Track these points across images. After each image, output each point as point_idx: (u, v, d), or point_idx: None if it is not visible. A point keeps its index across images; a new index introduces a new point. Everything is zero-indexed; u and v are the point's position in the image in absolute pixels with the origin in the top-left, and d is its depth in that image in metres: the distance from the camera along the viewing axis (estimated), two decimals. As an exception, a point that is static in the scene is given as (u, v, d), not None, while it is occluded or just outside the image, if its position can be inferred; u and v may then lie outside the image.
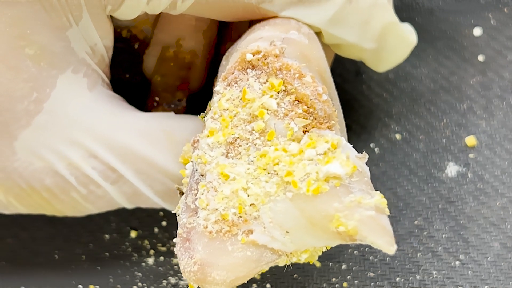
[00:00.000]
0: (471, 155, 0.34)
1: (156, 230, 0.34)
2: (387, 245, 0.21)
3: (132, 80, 0.33)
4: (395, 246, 0.21)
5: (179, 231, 0.23)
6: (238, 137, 0.23)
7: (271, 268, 0.33)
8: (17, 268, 0.34)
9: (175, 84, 0.32)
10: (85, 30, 0.26)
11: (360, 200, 0.21)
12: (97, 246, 0.34)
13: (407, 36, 0.30)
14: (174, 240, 0.24)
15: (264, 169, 0.22)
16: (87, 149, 0.26)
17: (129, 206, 0.28)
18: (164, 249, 0.34)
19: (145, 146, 0.26)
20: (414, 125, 0.35)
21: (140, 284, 0.33)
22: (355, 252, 0.33)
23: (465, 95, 0.35)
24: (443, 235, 0.33)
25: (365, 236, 0.21)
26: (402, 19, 0.30)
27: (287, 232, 0.22)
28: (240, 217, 0.22)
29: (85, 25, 0.25)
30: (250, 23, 0.28)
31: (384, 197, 0.34)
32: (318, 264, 0.33)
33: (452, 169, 0.34)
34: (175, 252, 0.23)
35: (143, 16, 0.31)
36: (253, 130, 0.23)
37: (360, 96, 0.36)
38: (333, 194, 0.22)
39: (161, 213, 0.34)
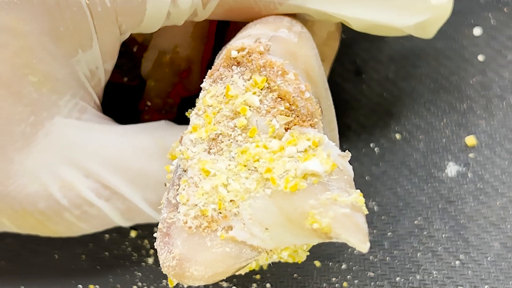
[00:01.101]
0: (471, 155, 0.34)
1: (156, 230, 0.34)
2: (360, 243, 0.21)
3: (130, 83, 0.33)
4: (368, 244, 0.21)
5: (159, 225, 0.23)
6: (221, 133, 0.23)
7: (271, 268, 0.33)
8: (17, 268, 0.34)
9: (168, 91, 0.32)
10: (91, 55, 0.26)
11: (336, 197, 0.21)
12: (97, 246, 0.34)
13: (440, 2, 0.28)
14: (155, 235, 0.24)
15: (245, 166, 0.22)
16: (81, 169, 0.26)
17: (124, 223, 0.28)
18: (164, 248, 0.34)
19: (137, 158, 0.26)
20: (414, 124, 0.35)
21: (140, 284, 0.33)
22: (355, 252, 0.33)
23: (465, 95, 0.35)
24: (443, 235, 0.33)
25: (339, 233, 0.21)
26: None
27: (266, 229, 0.22)
28: (220, 213, 0.22)
29: (92, 52, 0.26)
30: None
31: (384, 197, 0.34)
32: (318, 264, 0.33)
33: (452, 169, 0.34)
34: (155, 247, 0.23)
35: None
36: (236, 126, 0.23)
37: (360, 96, 0.36)
38: (310, 191, 0.22)
39: (161, 212, 0.34)
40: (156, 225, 0.34)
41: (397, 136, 0.35)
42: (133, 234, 0.35)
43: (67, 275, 0.34)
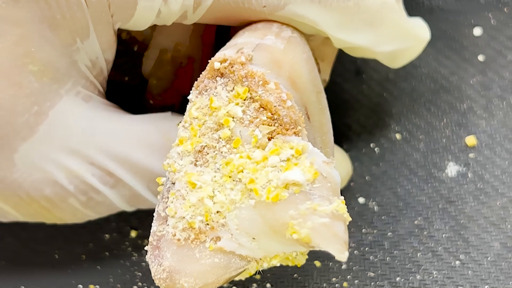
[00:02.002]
0: (471, 155, 0.34)
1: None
2: (338, 252, 0.21)
3: (131, 82, 0.33)
4: (346, 254, 0.21)
5: (150, 239, 0.24)
6: (206, 146, 0.23)
7: (271, 268, 0.33)
8: (17, 268, 0.34)
9: (169, 88, 0.32)
10: (89, 46, 0.26)
11: (316, 207, 0.22)
12: (97, 246, 0.34)
13: (419, 34, 0.29)
14: (146, 248, 0.24)
15: (230, 177, 0.23)
16: (86, 157, 0.26)
17: (129, 209, 0.28)
18: (164, 248, 0.34)
19: (142, 149, 0.27)
20: (414, 124, 0.35)
21: (140, 283, 0.33)
22: (355, 252, 0.33)
23: (465, 95, 0.35)
24: (443, 235, 0.33)
25: (318, 243, 0.21)
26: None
27: (253, 238, 0.23)
28: (207, 224, 0.23)
29: (90, 42, 0.26)
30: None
31: (384, 197, 0.33)
32: (318, 264, 0.33)
33: (452, 169, 0.34)
34: (146, 259, 0.24)
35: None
36: (220, 138, 0.23)
37: (360, 96, 0.36)
38: (291, 201, 0.22)
39: (161, 212, 0.34)
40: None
41: (397, 136, 0.35)
42: (133, 234, 0.35)
43: (67, 275, 0.34)
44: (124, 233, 0.35)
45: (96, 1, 0.24)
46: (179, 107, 0.32)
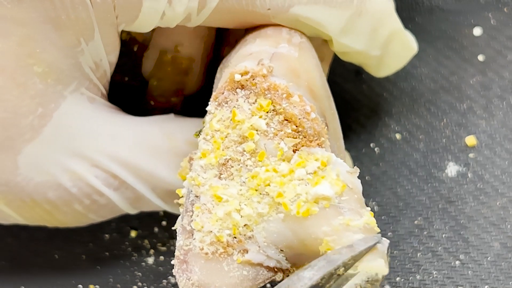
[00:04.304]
0: (471, 155, 0.34)
1: (156, 229, 0.34)
2: (381, 266, 0.22)
3: (131, 83, 0.33)
4: (388, 268, 0.22)
5: (176, 253, 0.24)
6: (230, 159, 0.23)
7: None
8: (17, 268, 0.34)
9: (171, 89, 0.32)
10: (94, 47, 0.26)
11: (348, 222, 0.22)
12: (97, 246, 0.34)
13: (410, 43, 0.30)
14: (172, 262, 0.24)
15: (256, 190, 0.23)
16: (90, 159, 0.26)
17: (132, 211, 0.28)
18: (164, 248, 0.34)
19: (146, 151, 0.27)
20: (414, 125, 0.35)
21: (140, 283, 0.33)
22: (355, 252, 0.33)
23: (465, 95, 0.35)
24: (443, 235, 0.33)
25: None
26: (402, 19, 0.30)
27: (281, 250, 0.23)
28: (235, 237, 0.23)
29: (94, 44, 0.26)
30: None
31: (384, 197, 0.33)
32: (318, 264, 0.33)
33: (452, 169, 0.34)
34: (174, 274, 0.24)
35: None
36: (244, 151, 0.23)
37: (360, 96, 0.36)
38: (323, 216, 0.22)
39: (161, 212, 0.34)
40: (157, 224, 0.34)
41: (397, 136, 0.35)
42: (133, 234, 0.35)
43: (67, 275, 0.34)
44: (124, 233, 0.35)
45: (101, 1, 0.24)
46: (180, 108, 0.32)
